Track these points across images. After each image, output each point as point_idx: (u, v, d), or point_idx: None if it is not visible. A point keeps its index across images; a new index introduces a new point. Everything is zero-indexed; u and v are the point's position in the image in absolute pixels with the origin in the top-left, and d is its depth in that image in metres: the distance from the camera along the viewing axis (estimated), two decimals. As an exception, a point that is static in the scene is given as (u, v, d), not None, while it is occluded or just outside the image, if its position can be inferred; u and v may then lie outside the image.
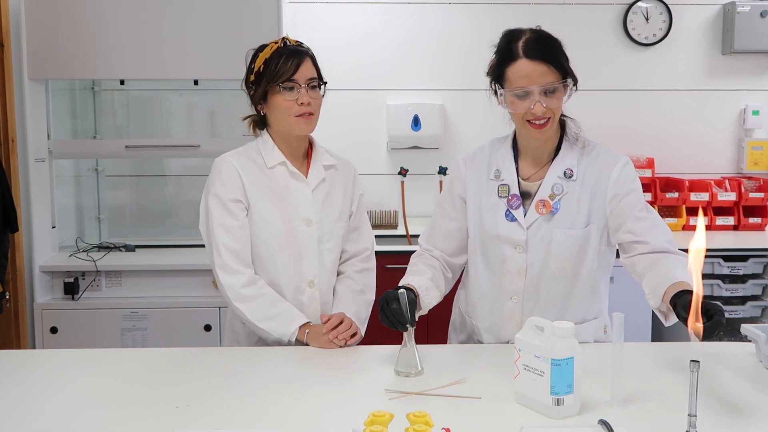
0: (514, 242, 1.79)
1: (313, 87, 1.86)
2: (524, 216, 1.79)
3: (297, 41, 1.91)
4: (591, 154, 1.81)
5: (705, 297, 1.32)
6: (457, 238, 1.90)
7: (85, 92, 3.59)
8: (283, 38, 1.89)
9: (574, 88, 1.73)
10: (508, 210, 1.80)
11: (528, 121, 1.72)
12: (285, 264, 1.90)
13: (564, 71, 1.71)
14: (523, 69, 1.68)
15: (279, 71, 1.82)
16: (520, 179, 1.82)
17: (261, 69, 1.84)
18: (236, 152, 1.93)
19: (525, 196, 1.81)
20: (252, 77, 1.87)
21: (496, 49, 1.77)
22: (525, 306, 1.81)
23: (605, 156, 1.81)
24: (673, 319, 1.56)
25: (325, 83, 1.90)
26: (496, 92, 1.77)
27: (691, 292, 1.39)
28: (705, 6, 3.86)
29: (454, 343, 2.00)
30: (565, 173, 1.79)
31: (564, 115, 1.83)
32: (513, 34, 1.74)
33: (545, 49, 1.69)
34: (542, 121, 1.71)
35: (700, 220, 1.25)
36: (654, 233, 1.71)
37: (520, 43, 1.70)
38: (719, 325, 1.35)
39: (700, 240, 1.24)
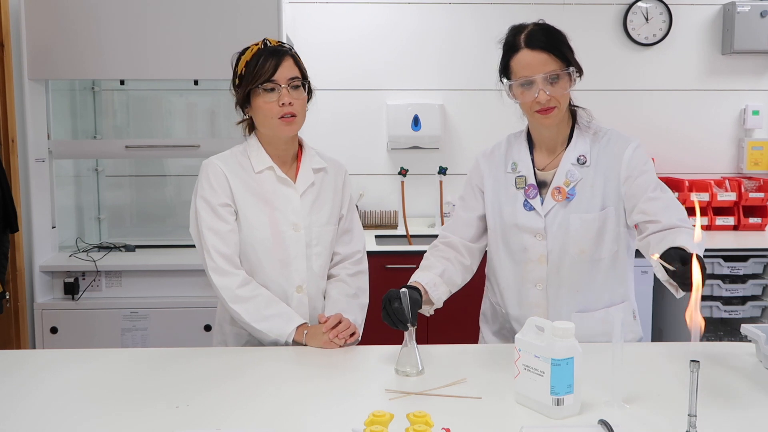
0: (534, 230, 1.83)
1: (296, 87, 1.83)
2: (541, 204, 1.83)
3: (279, 41, 1.89)
4: (602, 139, 1.85)
5: (704, 296, 1.33)
6: (477, 225, 1.95)
7: (85, 92, 3.59)
8: (264, 39, 1.87)
9: (578, 76, 1.77)
10: (525, 200, 1.85)
11: (535, 110, 1.76)
12: (273, 269, 1.89)
13: (566, 60, 1.74)
14: (525, 59, 1.74)
15: (258, 72, 1.80)
16: (536, 170, 1.86)
17: (242, 72, 1.83)
18: (224, 155, 1.92)
19: (541, 185, 1.85)
20: (236, 81, 1.86)
21: (502, 44, 1.81)
22: (549, 293, 1.85)
23: (617, 140, 1.84)
24: (683, 291, 1.57)
25: (309, 82, 1.89)
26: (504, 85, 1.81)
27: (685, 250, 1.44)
28: (705, 6, 3.87)
29: (487, 334, 2.01)
30: (578, 160, 1.82)
31: (575, 105, 1.87)
32: (517, 28, 1.80)
33: (546, 39, 1.74)
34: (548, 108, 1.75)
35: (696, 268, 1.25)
36: (667, 213, 1.72)
37: (523, 35, 1.76)
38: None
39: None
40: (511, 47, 1.77)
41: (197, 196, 1.88)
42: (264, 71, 1.80)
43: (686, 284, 1.44)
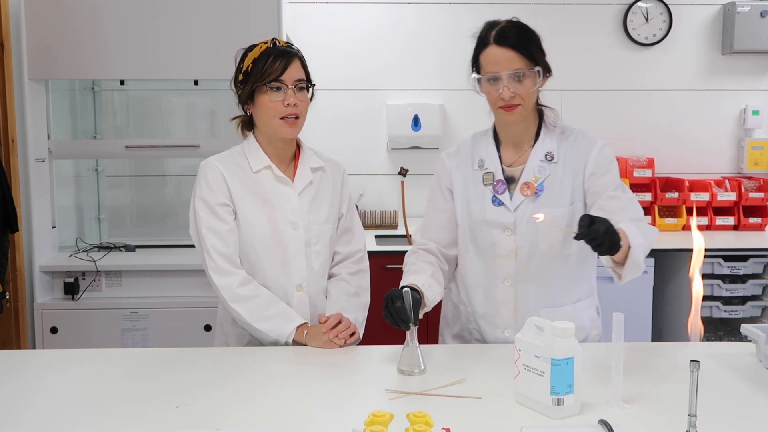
0: (503, 225, 1.84)
1: (301, 88, 1.85)
2: (510, 200, 1.83)
3: (287, 42, 1.91)
4: (569, 138, 1.87)
5: (705, 297, 1.33)
6: (450, 229, 1.94)
7: (85, 92, 3.59)
8: (273, 39, 1.88)
9: (546, 77, 1.78)
10: (494, 196, 1.85)
11: (499, 106, 1.78)
12: (272, 267, 1.90)
13: (533, 59, 1.76)
14: (493, 55, 1.77)
15: (266, 71, 1.81)
16: (503, 166, 1.87)
17: (249, 68, 1.84)
18: (221, 156, 1.93)
19: (509, 181, 1.86)
20: (240, 77, 1.87)
21: (476, 38, 1.84)
22: (518, 289, 1.85)
23: (583, 139, 1.87)
24: (626, 277, 1.61)
25: (313, 85, 1.90)
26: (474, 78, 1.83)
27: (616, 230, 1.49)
28: (705, 6, 3.87)
29: (446, 337, 2.01)
30: (546, 156, 1.84)
31: (542, 105, 1.88)
32: (491, 23, 1.83)
33: (516, 37, 1.77)
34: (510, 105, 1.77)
35: (694, 222, 1.26)
36: (623, 211, 1.74)
37: (494, 31, 1.78)
38: (596, 233, 1.46)
39: (698, 240, 1.25)
40: (481, 41, 1.80)
41: (196, 197, 1.89)
42: (273, 70, 1.81)
43: (597, 246, 1.49)
